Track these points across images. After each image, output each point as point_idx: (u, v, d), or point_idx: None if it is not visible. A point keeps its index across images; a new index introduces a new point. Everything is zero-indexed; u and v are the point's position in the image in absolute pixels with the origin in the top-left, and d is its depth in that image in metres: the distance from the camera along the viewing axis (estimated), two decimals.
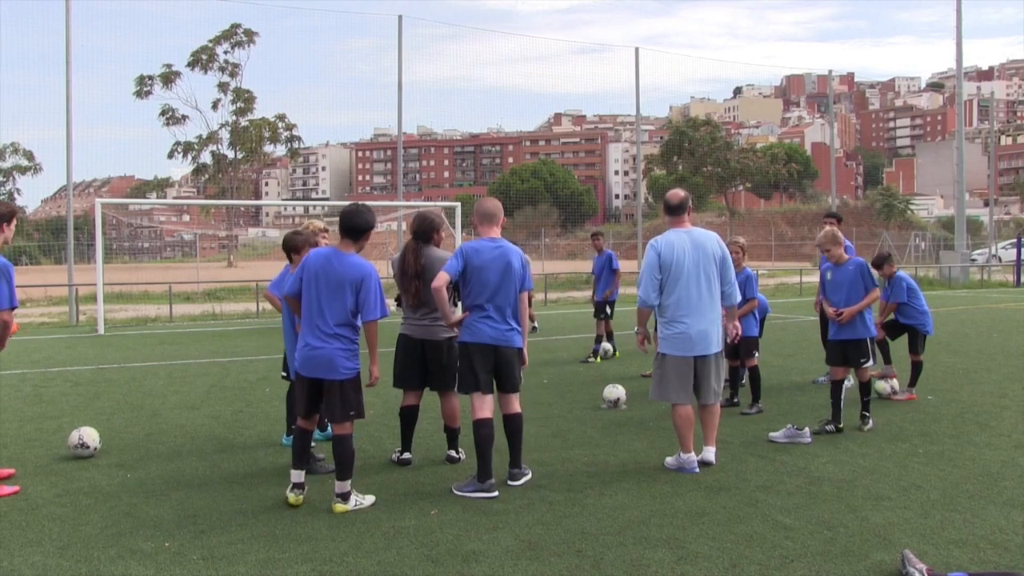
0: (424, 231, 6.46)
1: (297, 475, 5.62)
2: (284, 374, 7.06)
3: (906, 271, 10.88)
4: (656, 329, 6.62)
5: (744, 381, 8.94)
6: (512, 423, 6.04)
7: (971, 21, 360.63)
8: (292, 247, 6.87)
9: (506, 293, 5.91)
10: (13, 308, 5.80)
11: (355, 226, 5.62)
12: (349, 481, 5.51)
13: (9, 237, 5.96)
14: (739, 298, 6.71)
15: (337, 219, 5.76)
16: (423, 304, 6.38)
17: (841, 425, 7.48)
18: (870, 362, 7.68)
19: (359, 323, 5.56)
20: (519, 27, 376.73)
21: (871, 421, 7.62)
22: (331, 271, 5.49)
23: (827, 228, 7.98)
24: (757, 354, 8.78)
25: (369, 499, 5.60)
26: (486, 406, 5.91)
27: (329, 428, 6.66)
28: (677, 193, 6.59)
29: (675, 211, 6.49)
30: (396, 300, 6.75)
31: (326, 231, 7.00)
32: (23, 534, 5.09)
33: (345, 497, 5.49)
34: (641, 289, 6.36)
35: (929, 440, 7.25)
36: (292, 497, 5.57)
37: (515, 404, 6.06)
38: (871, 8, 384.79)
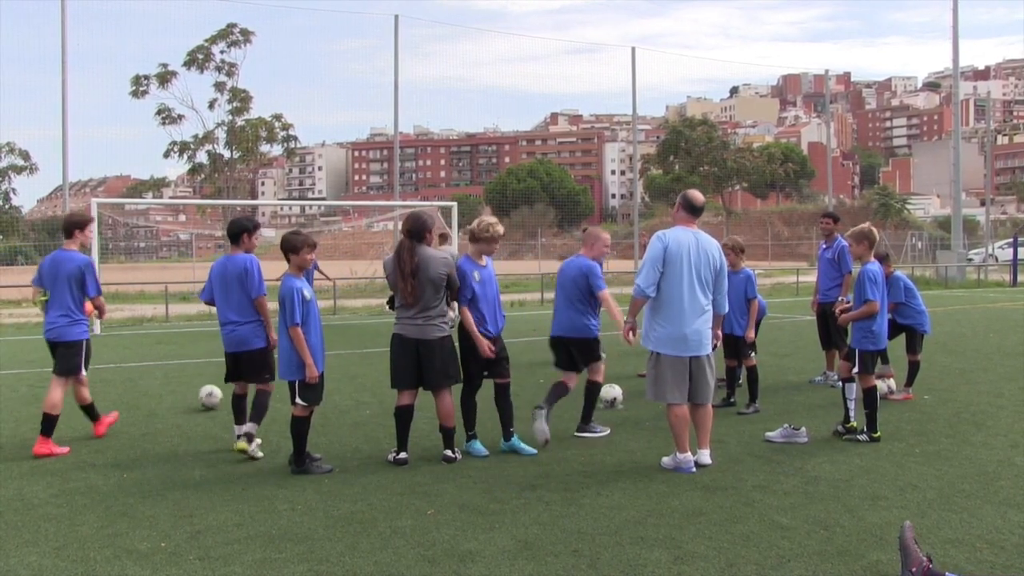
0: (417, 230, 6.49)
1: (238, 428, 7.05)
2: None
3: (903, 271, 10.89)
4: (644, 328, 6.55)
5: (741, 381, 8.94)
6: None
7: (963, 21, 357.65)
8: (290, 247, 6.84)
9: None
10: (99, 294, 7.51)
11: (229, 233, 7.15)
12: (257, 426, 6.92)
13: (86, 242, 7.71)
14: (727, 308, 6.73)
15: (332, 219, 5.88)
16: (417, 303, 6.39)
17: (852, 424, 7.42)
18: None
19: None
20: (511, 27, 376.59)
21: (864, 436, 7.21)
22: (227, 271, 7.01)
23: (874, 231, 7.51)
24: (754, 354, 8.79)
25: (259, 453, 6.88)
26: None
27: (514, 439, 6.97)
28: (699, 195, 6.58)
29: (696, 212, 6.49)
30: (388, 302, 6.78)
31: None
32: (19, 534, 5.08)
33: (251, 438, 6.83)
34: (641, 278, 6.30)
35: (926, 440, 7.26)
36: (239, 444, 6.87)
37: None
38: (864, 8, 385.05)
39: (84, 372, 7.44)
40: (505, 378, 6.91)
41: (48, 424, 7.15)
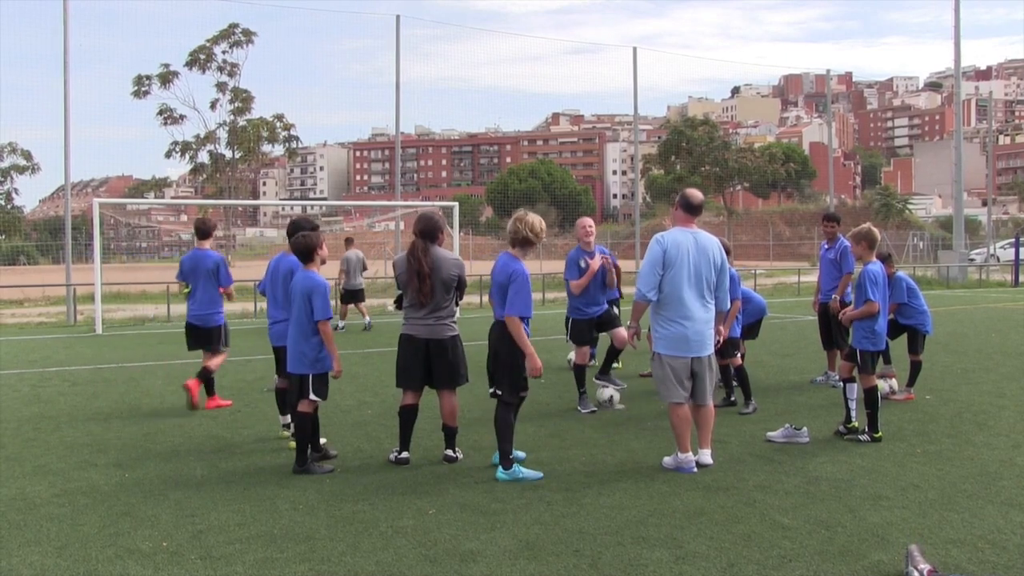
0: (430, 231, 6.47)
1: (283, 418, 7.40)
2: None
3: (904, 271, 10.88)
4: (650, 329, 6.59)
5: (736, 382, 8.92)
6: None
7: (964, 21, 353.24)
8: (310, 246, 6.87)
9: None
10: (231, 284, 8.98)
11: (288, 233, 7.10)
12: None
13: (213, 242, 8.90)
14: (729, 305, 6.73)
15: (334, 219, 5.84)
16: (428, 303, 6.38)
17: (853, 424, 7.40)
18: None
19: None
20: (511, 27, 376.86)
21: (865, 436, 7.20)
22: (279, 269, 7.21)
23: (873, 231, 7.44)
24: (738, 353, 8.76)
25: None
26: None
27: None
28: (697, 194, 6.54)
29: (694, 211, 6.45)
30: (395, 302, 6.76)
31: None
32: (21, 534, 5.09)
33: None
34: (641, 283, 6.30)
35: (927, 440, 7.26)
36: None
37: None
38: (863, 8, 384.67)
39: (225, 349, 9.05)
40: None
41: (209, 385, 8.82)
